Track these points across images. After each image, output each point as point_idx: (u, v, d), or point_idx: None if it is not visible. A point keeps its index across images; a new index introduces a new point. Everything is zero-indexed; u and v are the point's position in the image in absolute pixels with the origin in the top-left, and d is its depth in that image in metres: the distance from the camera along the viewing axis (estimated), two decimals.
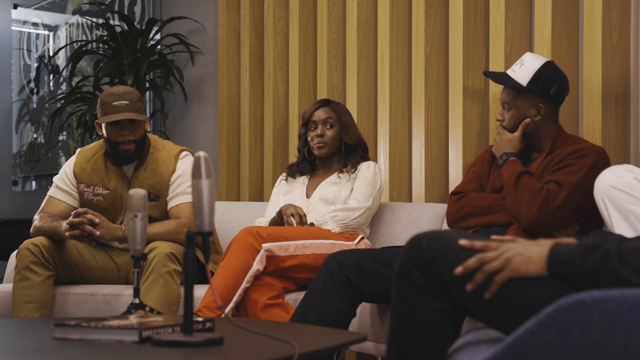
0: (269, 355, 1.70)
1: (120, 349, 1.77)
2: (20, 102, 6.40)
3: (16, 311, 3.14)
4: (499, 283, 1.61)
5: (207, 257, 1.75)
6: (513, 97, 2.99)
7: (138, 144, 3.35)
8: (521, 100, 2.98)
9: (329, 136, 3.47)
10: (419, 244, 1.70)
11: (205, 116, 4.92)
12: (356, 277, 2.76)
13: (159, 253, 3.09)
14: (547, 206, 2.80)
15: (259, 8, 4.55)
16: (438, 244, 1.69)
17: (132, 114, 3.28)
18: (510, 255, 1.61)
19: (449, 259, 1.66)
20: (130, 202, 2.31)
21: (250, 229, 3.06)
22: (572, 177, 2.82)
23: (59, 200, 3.43)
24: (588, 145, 2.91)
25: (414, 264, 1.69)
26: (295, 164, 3.62)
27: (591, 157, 2.85)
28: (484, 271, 1.62)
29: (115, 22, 5.41)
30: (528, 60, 2.99)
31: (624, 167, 2.56)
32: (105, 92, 3.34)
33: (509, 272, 1.60)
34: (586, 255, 1.54)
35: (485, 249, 1.65)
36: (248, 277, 2.99)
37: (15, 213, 6.27)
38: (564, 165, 2.87)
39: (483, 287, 1.62)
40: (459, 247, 1.67)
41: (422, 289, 1.69)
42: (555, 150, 2.95)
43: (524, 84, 2.95)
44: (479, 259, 1.63)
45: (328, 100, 3.57)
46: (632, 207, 2.46)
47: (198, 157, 1.79)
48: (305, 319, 2.75)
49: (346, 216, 3.30)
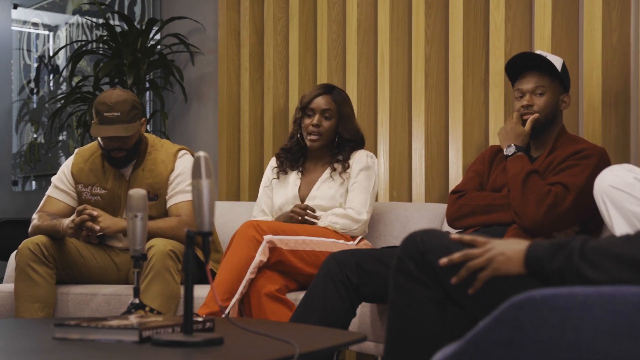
0: (269, 355, 1.70)
1: (120, 349, 1.77)
2: (20, 102, 6.40)
3: (20, 311, 3.14)
4: (482, 280, 1.69)
5: (207, 257, 1.75)
6: (549, 82, 2.94)
7: (130, 150, 3.35)
8: (555, 87, 2.95)
9: (325, 127, 3.36)
10: (413, 238, 1.81)
11: (205, 116, 4.92)
12: (356, 277, 2.76)
13: (158, 251, 3.09)
14: (555, 210, 2.78)
15: (259, 8, 4.55)
16: (430, 237, 1.80)
17: (122, 128, 3.27)
18: (492, 255, 1.68)
19: (439, 251, 1.76)
20: (130, 202, 2.31)
21: (251, 222, 3.06)
22: (577, 179, 2.80)
23: (58, 200, 3.43)
24: (590, 146, 2.90)
25: (408, 256, 1.79)
26: (284, 153, 3.50)
27: (594, 158, 2.84)
28: (467, 267, 1.70)
29: (115, 22, 5.41)
30: (547, 54, 2.96)
31: (624, 167, 2.55)
32: (98, 100, 3.32)
33: (491, 271, 1.68)
34: (554, 254, 1.59)
35: (473, 244, 1.73)
36: (252, 269, 2.98)
37: (15, 213, 6.26)
38: (567, 166, 2.85)
39: (468, 281, 1.71)
40: (450, 241, 1.77)
41: (416, 279, 1.79)
42: (556, 150, 2.94)
43: (559, 69, 2.92)
44: (464, 255, 1.71)
45: (330, 87, 3.44)
46: (632, 207, 2.46)
47: (198, 157, 1.79)
48: (305, 318, 2.75)
49: (347, 225, 3.27)
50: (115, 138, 3.30)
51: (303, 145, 3.46)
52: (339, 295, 2.76)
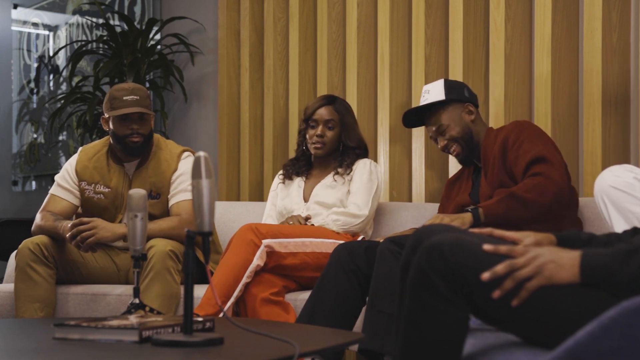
0: (269, 355, 1.70)
1: (120, 349, 1.77)
2: (20, 102, 6.40)
3: (20, 311, 3.14)
4: (530, 290, 1.57)
5: (207, 257, 1.75)
6: (442, 113, 3.07)
7: (146, 139, 3.36)
8: (451, 112, 3.07)
9: (328, 137, 3.43)
10: (439, 250, 1.63)
11: (205, 116, 4.92)
12: (365, 266, 2.80)
13: (158, 251, 3.09)
14: (550, 184, 2.77)
15: (259, 8, 4.55)
16: (461, 250, 1.62)
17: (143, 109, 3.30)
18: (542, 262, 1.57)
19: (473, 265, 1.60)
20: (130, 202, 2.31)
21: (250, 226, 3.06)
22: (537, 148, 2.84)
23: (61, 198, 3.43)
24: (510, 127, 2.98)
25: (435, 271, 1.62)
26: (291, 163, 3.59)
27: (521, 123, 2.96)
28: (514, 278, 1.57)
29: (115, 22, 5.41)
30: (429, 87, 3.12)
31: (624, 167, 2.56)
32: (115, 87, 3.35)
33: (541, 279, 1.56)
34: (624, 261, 1.51)
35: (510, 254, 1.61)
36: (248, 273, 2.99)
37: (15, 213, 6.27)
38: (517, 147, 2.88)
39: (510, 294, 1.58)
40: (483, 253, 1.62)
41: (443, 297, 1.62)
42: (487, 146, 3.00)
43: (443, 97, 3.06)
44: (509, 265, 1.58)
45: (332, 98, 3.50)
46: (632, 207, 2.46)
47: (198, 157, 1.79)
48: (318, 307, 2.79)
49: (348, 222, 3.29)
50: (135, 119, 3.30)
51: (308, 156, 3.54)
52: (350, 284, 2.81)
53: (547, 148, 2.85)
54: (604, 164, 3.09)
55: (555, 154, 2.86)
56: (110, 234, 3.17)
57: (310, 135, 3.45)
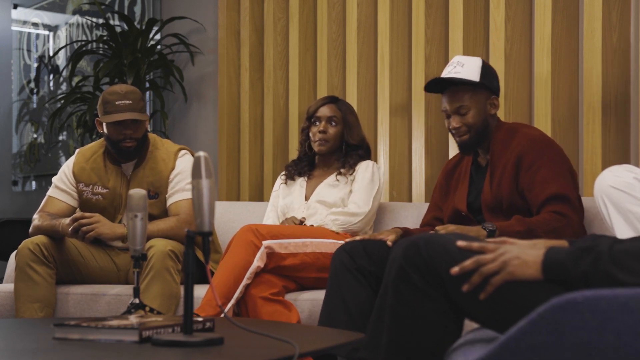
0: (269, 355, 1.70)
1: (120, 349, 1.77)
2: (20, 102, 6.40)
3: (20, 311, 3.14)
4: (495, 285, 1.63)
5: (207, 257, 1.75)
6: (470, 95, 2.88)
7: (139, 142, 3.35)
8: (478, 98, 2.89)
9: (331, 134, 3.44)
10: (416, 246, 1.72)
11: (205, 116, 4.92)
12: (368, 263, 2.79)
13: (158, 251, 3.09)
14: (569, 228, 2.71)
15: (259, 8, 4.55)
16: (435, 245, 1.71)
17: (135, 114, 3.29)
18: (507, 259, 1.63)
19: (445, 260, 1.68)
20: (130, 202, 2.31)
21: (250, 227, 3.06)
22: (558, 182, 2.76)
23: (58, 200, 3.43)
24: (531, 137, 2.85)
25: (411, 266, 1.72)
26: (293, 163, 3.60)
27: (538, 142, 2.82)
28: (480, 273, 1.63)
29: (115, 22, 5.42)
30: (464, 60, 2.91)
31: (623, 167, 2.56)
32: (108, 91, 3.34)
33: (505, 275, 1.62)
34: (578, 258, 1.55)
35: (482, 250, 1.67)
36: (249, 274, 2.99)
37: (15, 213, 6.27)
38: (533, 171, 2.78)
39: (479, 287, 1.64)
40: (456, 248, 1.69)
41: (419, 290, 1.71)
42: (496, 148, 2.89)
43: (477, 79, 2.87)
44: (476, 261, 1.64)
45: (335, 98, 3.54)
46: (632, 207, 2.46)
47: (198, 157, 1.78)
48: (334, 316, 2.77)
49: (347, 221, 3.30)
50: (128, 124, 3.30)
51: (311, 155, 3.54)
52: (357, 282, 2.79)
53: (567, 183, 2.77)
54: (604, 164, 3.10)
55: (573, 190, 2.78)
56: (110, 232, 3.19)
57: (313, 132, 3.47)
